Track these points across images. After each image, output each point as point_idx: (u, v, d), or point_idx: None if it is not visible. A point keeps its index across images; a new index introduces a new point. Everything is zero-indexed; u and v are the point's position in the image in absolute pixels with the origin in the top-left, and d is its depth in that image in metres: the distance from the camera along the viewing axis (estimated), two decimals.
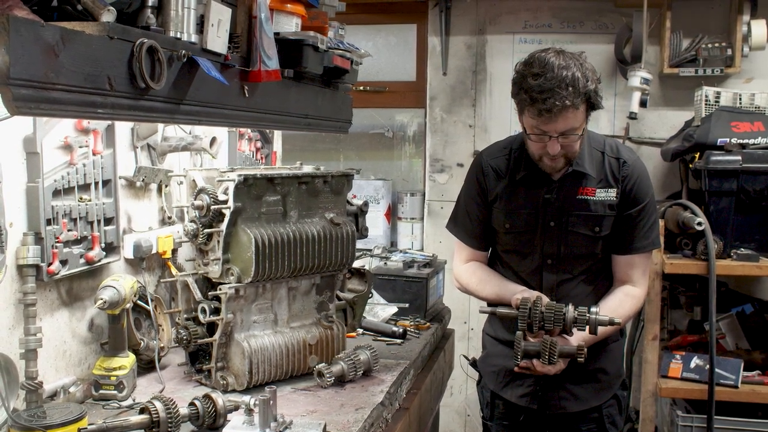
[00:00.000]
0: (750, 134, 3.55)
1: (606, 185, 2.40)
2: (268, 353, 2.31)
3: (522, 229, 2.46)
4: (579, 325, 2.24)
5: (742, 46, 4.02)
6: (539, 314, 2.24)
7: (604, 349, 2.53)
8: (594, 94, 2.24)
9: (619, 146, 2.49)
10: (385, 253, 3.54)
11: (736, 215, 3.49)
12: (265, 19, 1.98)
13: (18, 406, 1.92)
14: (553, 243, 2.43)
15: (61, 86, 1.32)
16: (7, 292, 1.95)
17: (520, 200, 2.45)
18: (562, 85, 2.16)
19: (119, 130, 2.39)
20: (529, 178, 2.44)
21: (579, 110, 2.21)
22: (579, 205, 2.40)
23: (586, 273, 2.46)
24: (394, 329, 2.92)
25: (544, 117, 2.20)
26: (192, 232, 2.30)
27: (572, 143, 2.28)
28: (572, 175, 2.40)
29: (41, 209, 2.02)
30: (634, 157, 2.47)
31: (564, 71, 2.18)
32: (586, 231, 2.41)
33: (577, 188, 2.40)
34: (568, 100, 2.16)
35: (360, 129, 4.90)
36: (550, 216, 2.42)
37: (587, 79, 2.21)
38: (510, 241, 2.51)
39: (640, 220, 2.42)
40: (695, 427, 3.46)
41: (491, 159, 2.54)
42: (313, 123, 2.55)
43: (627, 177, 2.40)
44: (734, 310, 3.82)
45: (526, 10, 4.53)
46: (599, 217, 2.40)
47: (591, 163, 2.41)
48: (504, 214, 2.49)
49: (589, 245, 2.42)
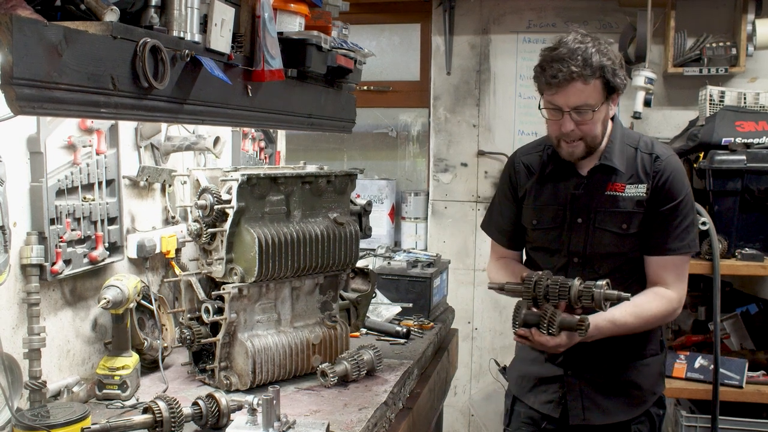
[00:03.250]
0: (754, 134, 3.54)
1: (636, 181, 2.32)
2: (272, 353, 2.31)
3: (549, 225, 2.41)
4: (584, 299, 2.14)
5: (747, 46, 4.01)
6: (544, 287, 2.18)
7: (640, 361, 2.42)
8: (610, 72, 2.19)
9: (654, 142, 2.40)
10: (388, 252, 3.54)
11: (740, 215, 3.48)
12: (268, 18, 1.98)
13: (22, 405, 1.93)
14: (580, 241, 2.36)
15: (65, 86, 1.32)
16: (10, 292, 1.95)
17: (549, 196, 2.41)
18: (573, 56, 2.16)
19: (123, 130, 2.39)
20: (557, 173, 2.40)
21: (590, 85, 2.18)
22: (607, 201, 2.33)
23: (614, 273, 2.32)
24: (397, 329, 2.92)
25: (553, 87, 2.19)
26: (195, 232, 2.30)
27: (587, 123, 2.22)
28: (601, 169, 2.34)
29: (45, 209, 2.02)
30: (668, 153, 2.37)
31: (578, 45, 2.18)
32: (614, 228, 2.32)
33: (605, 184, 2.33)
34: (575, 67, 2.14)
35: (364, 129, 4.91)
36: (577, 212, 2.36)
37: (603, 55, 2.18)
38: (538, 238, 2.46)
39: (674, 218, 2.31)
40: (699, 428, 3.45)
41: (523, 156, 2.52)
42: (316, 123, 2.55)
43: (659, 172, 2.30)
44: (739, 310, 3.80)
45: (530, 10, 4.53)
46: (628, 213, 2.31)
47: (621, 158, 2.34)
48: (532, 210, 2.45)
49: (616, 243, 2.33)
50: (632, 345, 2.40)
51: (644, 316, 2.29)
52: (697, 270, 3.46)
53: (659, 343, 2.49)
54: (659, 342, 2.49)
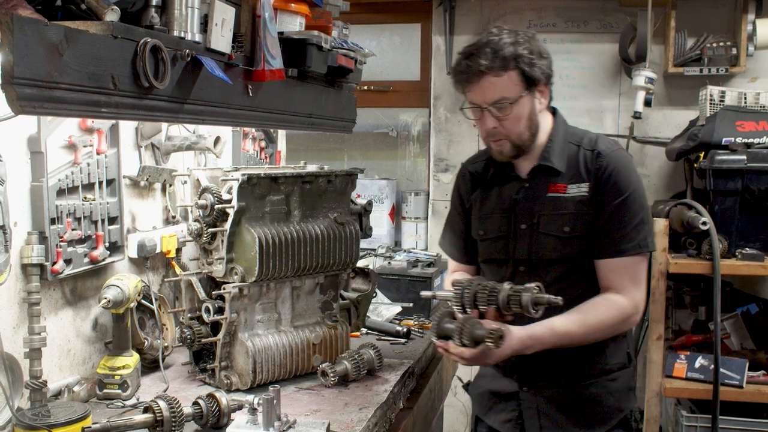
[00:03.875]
0: (755, 133, 3.54)
1: (578, 180, 2.16)
2: (272, 352, 2.31)
3: (494, 234, 2.28)
4: (513, 304, 1.98)
5: (747, 46, 4.01)
6: (472, 293, 2.04)
7: (604, 376, 2.24)
8: (526, 62, 2.07)
9: (599, 139, 2.23)
10: (389, 252, 3.54)
11: (740, 215, 3.48)
12: (269, 18, 1.98)
13: (22, 405, 1.93)
14: (524, 248, 2.21)
15: (65, 85, 1.32)
16: (11, 292, 1.95)
17: (493, 204, 2.30)
18: (482, 50, 2.08)
19: (123, 130, 2.40)
20: (499, 179, 2.29)
21: (504, 77, 2.08)
22: (549, 204, 2.18)
23: (561, 282, 2.17)
24: (398, 329, 2.92)
25: (465, 83, 2.13)
26: (196, 232, 2.30)
27: (508, 118, 2.11)
28: (540, 171, 2.21)
29: (45, 208, 2.02)
30: (613, 148, 2.20)
31: (492, 37, 2.10)
32: (557, 232, 2.17)
33: (547, 185, 2.19)
34: (484, 60, 2.06)
35: (364, 128, 4.90)
36: (520, 218, 2.22)
37: (518, 46, 2.07)
38: (486, 250, 2.33)
39: (621, 217, 2.13)
40: (700, 427, 3.45)
41: (470, 165, 2.42)
42: (317, 122, 2.55)
43: (601, 168, 2.14)
44: (739, 309, 3.81)
45: (531, 10, 4.53)
46: (570, 215, 2.15)
47: (561, 157, 2.20)
48: (478, 220, 2.33)
49: (561, 248, 2.17)
50: (592, 358, 2.22)
51: (589, 323, 2.11)
52: (697, 270, 3.47)
53: (626, 356, 2.30)
54: (626, 354, 2.30)
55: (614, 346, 2.25)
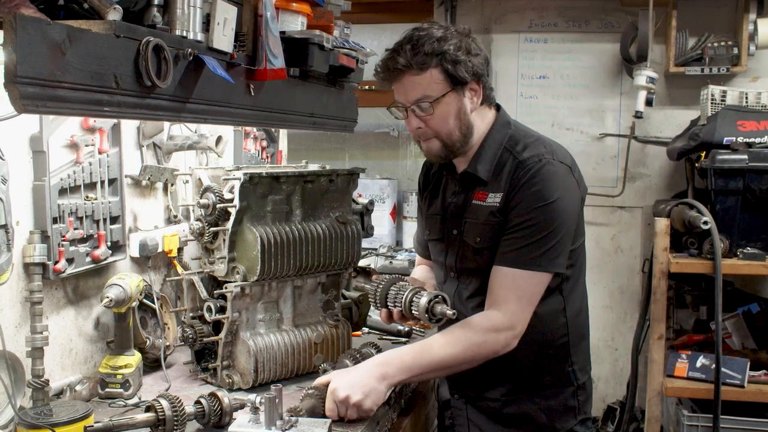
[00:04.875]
0: (756, 133, 3.54)
1: (497, 189, 2.06)
2: (274, 352, 2.32)
3: (436, 236, 2.25)
4: (414, 309, 2.02)
5: (749, 45, 4.02)
6: (383, 292, 2.13)
7: (538, 393, 2.15)
8: (450, 59, 1.96)
9: (533, 145, 2.09)
10: (390, 251, 3.55)
11: (742, 214, 3.48)
12: (270, 17, 1.98)
13: (24, 404, 1.93)
14: (454, 253, 2.17)
15: (68, 84, 1.33)
16: (13, 291, 1.95)
17: (437, 205, 2.26)
18: (404, 47, 1.99)
19: (125, 129, 2.40)
20: (441, 180, 2.25)
21: (425, 75, 1.98)
22: (472, 211, 2.11)
23: (480, 294, 2.10)
24: (399, 328, 2.91)
25: (386, 81, 2.06)
26: (198, 231, 2.30)
27: (431, 118, 2.02)
28: (467, 176, 2.13)
29: (47, 208, 2.02)
30: (539, 158, 2.03)
31: (416, 32, 2.01)
32: (471, 241, 2.10)
33: (473, 193, 2.12)
34: (402, 58, 1.98)
35: (365, 128, 4.90)
36: (452, 223, 2.17)
37: (442, 42, 1.97)
38: (431, 250, 2.32)
39: (525, 228, 1.98)
40: (701, 427, 3.45)
41: (426, 162, 2.40)
42: (318, 122, 2.55)
43: (518, 178, 2.01)
44: (740, 309, 3.81)
45: (532, 9, 4.53)
46: (481, 225, 2.07)
47: (489, 164, 2.09)
48: (426, 219, 2.31)
49: (474, 259, 2.10)
50: (524, 373, 2.13)
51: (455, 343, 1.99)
52: (698, 269, 3.47)
53: (566, 375, 2.16)
54: (566, 373, 2.16)
55: (549, 363, 2.15)
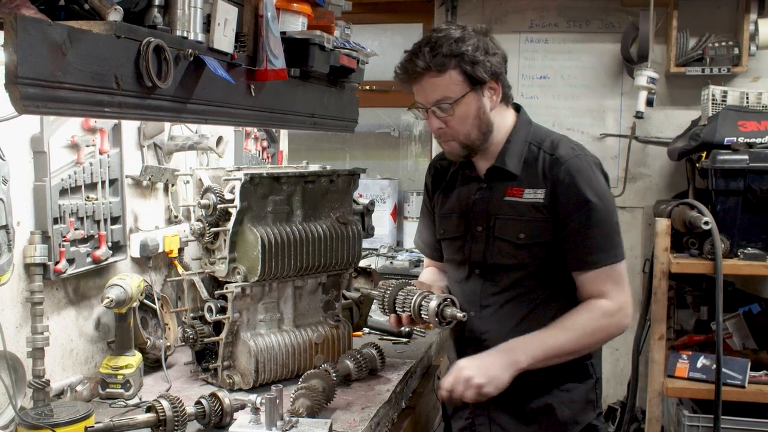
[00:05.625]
0: (757, 133, 3.53)
1: (535, 185, 2.08)
2: (275, 352, 2.32)
3: (452, 235, 2.25)
4: (423, 312, 2.05)
5: (749, 45, 4.01)
6: (391, 297, 2.14)
7: (559, 387, 2.17)
8: (468, 61, 1.99)
9: (561, 142, 2.13)
10: (391, 252, 3.55)
11: (743, 214, 3.48)
12: (271, 18, 1.98)
13: (25, 404, 1.93)
14: (480, 250, 2.16)
15: (69, 85, 1.33)
16: (14, 291, 1.95)
17: (453, 203, 2.25)
18: (423, 49, 2.00)
19: (126, 130, 2.40)
20: (460, 177, 2.24)
21: (445, 76, 2.00)
22: (505, 207, 2.11)
23: (514, 289, 2.13)
24: (400, 329, 2.91)
25: (406, 83, 2.07)
26: (198, 231, 2.30)
27: (451, 119, 2.04)
28: (496, 172, 2.14)
29: (48, 208, 2.02)
30: (574, 154, 2.09)
31: (434, 34, 2.03)
32: (511, 238, 2.10)
33: (504, 189, 2.13)
34: (421, 60, 1.99)
35: (366, 128, 4.90)
36: (476, 220, 2.16)
37: (460, 43, 1.99)
38: (445, 249, 2.31)
39: (588, 227, 2.05)
40: (702, 427, 3.45)
41: (438, 161, 2.38)
42: (319, 122, 2.55)
43: (561, 176, 2.05)
44: (741, 309, 3.80)
45: (533, 9, 4.52)
46: (525, 222, 2.08)
47: (518, 160, 2.12)
48: (439, 218, 2.30)
49: (515, 254, 2.10)
50: (547, 369, 2.10)
51: (572, 326, 2.06)
52: (699, 269, 3.47)
53: (584, 368, 2.21)
54: (584, 366, 2.20)
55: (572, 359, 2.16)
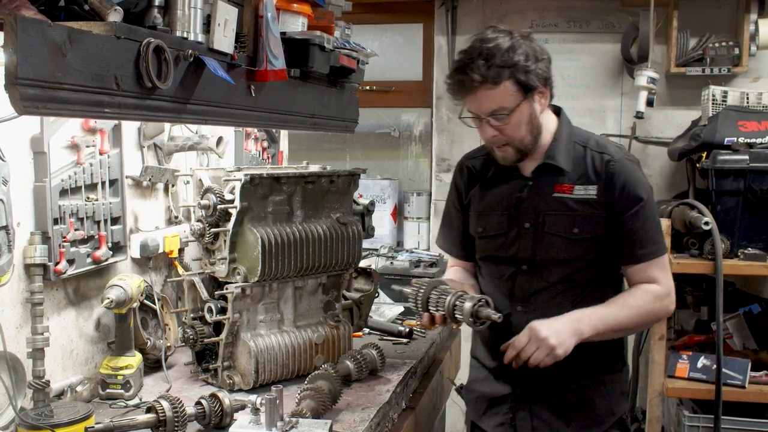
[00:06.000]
0: (757, 133, 3.54)
1: (585, 182, 2.15)
2: (275, 353, 2.32)
3: (494, 232, 2.26)
4: (457, 313, 2.05)
5: (750, 46, 4.01)
6: (425, 296, 2.13)
7: (596, 380, 2.24)
8: (521, 70, 2.02)
9: (606, 143, 2.24)
10: (391, 252, 3.54)
11: (743, 215, 3.48)
12: (271, 18, 1.98)
13: (25, 405, 1.93)
14: (528, 247, 2.19)
15: (69, 86, 1.33)
16: (14, 292, 1.95)
17: (493, 201, 2.27)
18: (475, 61, 2.02)
19: (126, 130, 2.40)
20: (501, 176, 2.25)
21: (499, 88, 2.03)
22: (555, 204, 2.16)
23: (565, 282, 2.19)
24: (400, 329, 2.92)
25: (459, 96, 2.09)
26: (198, 232, 2.30)
27: (506, 127, 2.08)
28: (545, 170, 2.18)
29: (48, 209, 2.02)
30: (621, 154, 2.20)
31: (486, 44, 2.03)
32: (564, 233, 2.15)
33: (552, 185, 2.17)
34: (476, 74, 2.01)
35: (366, 128, 4.90)
36: (524, 217, 2.20)
37: (512, 53, 2.02)
38: (484, 247, 2.31)
39: (642, 223, 2.15)
40: (702, 427, 3.45)
41: (468, 160, 2.38)
42: (319, 122, 2.55)
43: (614, 175, 2.13)
44: (741, 309, 3.81)
45: (533, 10, 4.53)
46: (578, 217, 2.14)
47: (567, 157, 2.17)
48: (477, 217, 2.31)
49: (567, 249, 2.16)
50: (585, 360, 2.18)
51: (632, 305, 2.16)
52: (699, 270, 3.47)
53: (619, 360, 2.32)
54: (619, 358, 2.32)
55: (607, 349, 2.24)
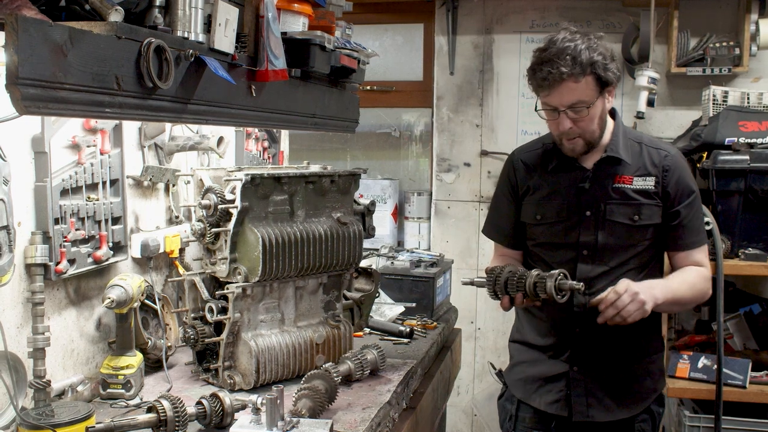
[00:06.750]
0: (758, 134, 3.54)
1: (644, 173, 2.37)
2: (275, 352, 2.32)
3: (553, 219, 2.44)
4: (539, 290, 2.19)
5: (750, 46, 4.01)
6: (504, 279, 2.25)
7: (644, 359, 2.47)
8: (601, 67, 2.22)
9: (659, 140, 2.52)
10: (392, 252, 3.54)
11: (743, 215, 3.48)
12: (272, 18, 1.98)
13: (26, 404, 1.93)
14: (590, 233, 2.38)
15: (69, 86, 1.33)
16: (15, 291, 1.95)
17: (552, 191, 2.45)
18: (561, 56, 2.19)
19: (127, 130, 2.40)
20: (561, 168, 2.44)
21: (582, 82, 2.22)
22: (616, 193, 2.37)
23: (624, 266, 2.38)
24: (401, 329, 2.92)
25: (545, 88, 2.24)
26: (199, 232, 2.30)
27: (583, 119, 2.27)
28: (607, 162, 2.39)
29: (49, 208, 2.02)
30: (674, 150, 2.46)
31: (567, 43, 2.21)
32: (625, 220, 2.36)
33: (613, 176, 2.38)
34: (564, 67, 2.18)
35: (367, 128, 4.91)
36: (585, 205, 2.39)
37: (592, 51, 2.21)
38: (541, 233, 2.48)
39: (694, 213, 2.40)
40: (703, 428, 3.45)
41: (522, 154, 2.57)
42: (320, 122, 2.55)
43: (670, 169, 2.37)
44: (742, 310, 3.81)
45: (534, 10, 4.53)
46: (638, 205, 2.36)
47: (626, 151, 2.39)
48: (535, 205, 2.48)
49: (628, 235, 2.37)
50: (637, 341, 2.42)
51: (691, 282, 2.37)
52: None
53: (660, 341, 2.56)
54: (660, 339, 2.56)
55: (654, 329, 2.50)
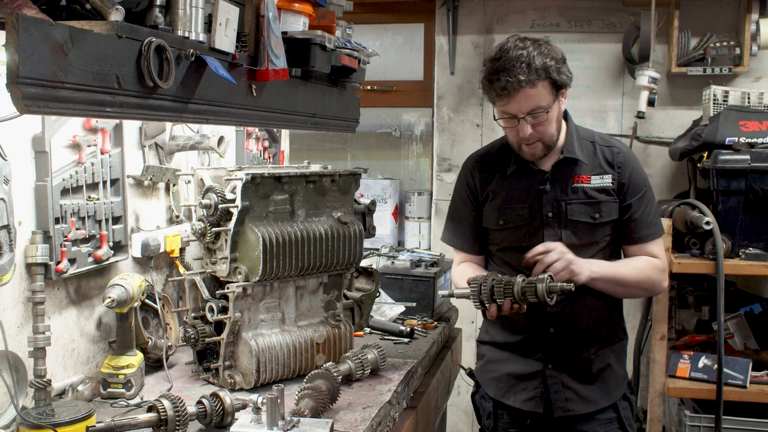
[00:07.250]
0: (758, 133, 3.53)
1: (600, 172, 2.42)
2: (276, 352, 2.32)
3: (517, 223, 2.46)
4: (529, 295, 2.18)
5: (751, 45, 4.01)
6: (488, 288, 2.23)
7: (609, 348, 2.52)
8: (555, 71, 2.26)
9: (609, 137, 2.54)
10: (392, 252, 3.54)
11: (744, 215, 3.48)
12: (272, 18, 1.98)
13: (27, 404, 1.93)
14: (554, 234, 2.41)
15: (70, 85, 1.33)
16: (15, 291, 1.95)
17: (513, 195, 2.47)
18: (516, 64, 2.22)
19: (127, 129, 2.40)
20: (520, 172, 2.46)
21: (538, 87, 2.24)
22: (575, 193, 2.41)
23: None
24: (401, 328, 2.92)
25: (504, 97, 2.26)
26: (200, 231, 2.30)
27: (542, 124, 2.30)
28: (564, 163, 2.42)
29: (50, 208, 2.02)
30: (625, 146, 2.52)
31: (520, 51, 2.24)
32: (585, 218, 2.40)
33: (571, 177, 2.42)
34: (522, 75, 2.21)
35: (367, 128, 4.91)
36: (546, 207, 2.42)
37: (544, 56, 2.24)
38: (506, 238, 2.50)
39: (645, 207, 2.44)
40: (703, 427, 3.45)
41: (478, 160, 2.60)
42: (320, 122, 2.55)
43: (623, 165, 2.43)
44: (742, 309, 3.81)
45: (534, 10, 4.53)
46: (597, 203, 2.40)
47: (581, 151, 2.43)
48: (497, 211, 2.49)
49: (590, 233, 2.42)
50: (606, 332, 2.51)
51: (635, 266, 2.42)
52: (700, 269, 3.47)
53: (623, 329, 2.62)
54: (623, 328, 2.62)
55: (618, 318, 2.58)
